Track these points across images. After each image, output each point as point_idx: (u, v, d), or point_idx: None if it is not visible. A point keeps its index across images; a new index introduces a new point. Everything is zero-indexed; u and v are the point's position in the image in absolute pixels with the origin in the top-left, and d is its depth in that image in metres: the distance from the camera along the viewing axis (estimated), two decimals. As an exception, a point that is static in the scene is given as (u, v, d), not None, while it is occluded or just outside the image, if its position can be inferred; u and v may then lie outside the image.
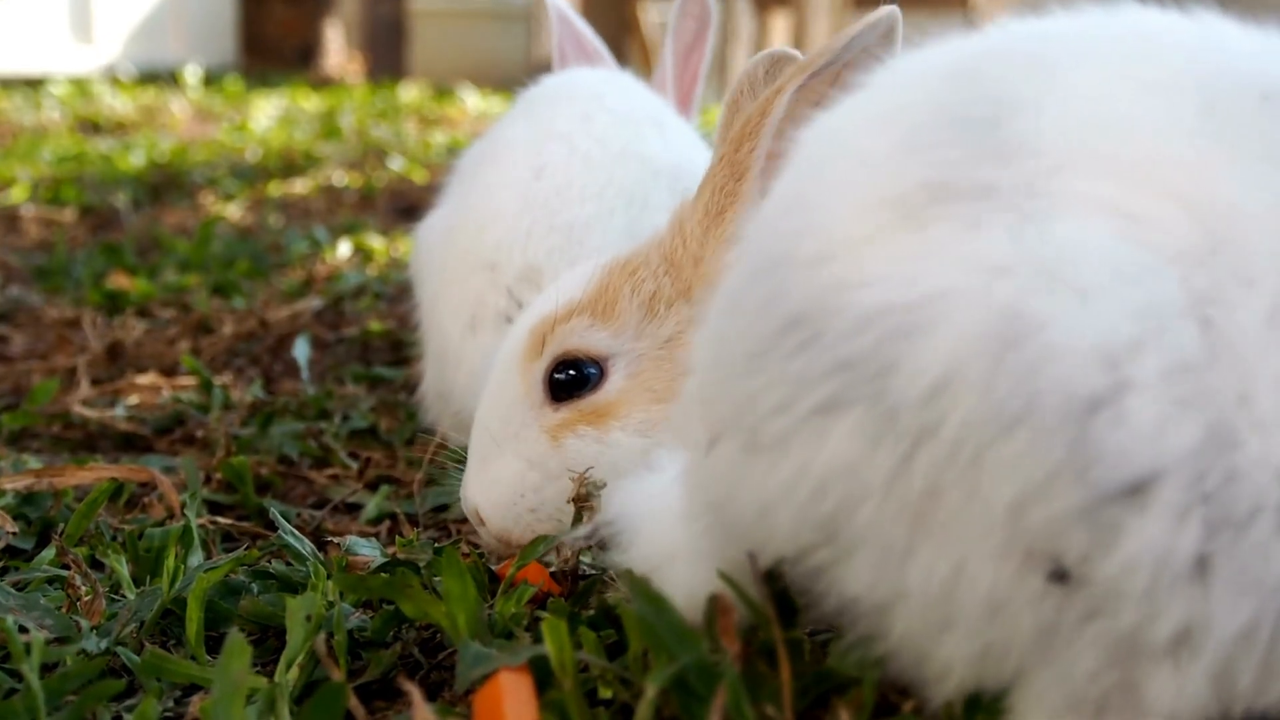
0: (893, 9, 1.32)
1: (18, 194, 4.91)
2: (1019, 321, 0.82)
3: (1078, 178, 0.87)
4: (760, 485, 0.90)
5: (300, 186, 5.40)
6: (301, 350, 2.57)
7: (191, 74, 10.10)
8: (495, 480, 1.39)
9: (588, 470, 1.33)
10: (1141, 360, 0.81)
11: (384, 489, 1.89)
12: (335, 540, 1.67)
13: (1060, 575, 0.83)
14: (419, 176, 5.66)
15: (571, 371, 1.35)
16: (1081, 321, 0.82)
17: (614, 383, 1.34)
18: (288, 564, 1.47)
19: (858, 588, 0.89)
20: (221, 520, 1.74)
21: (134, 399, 2.41)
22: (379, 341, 2.91)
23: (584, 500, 1.31)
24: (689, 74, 2.35)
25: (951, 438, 0.83)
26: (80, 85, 9.37)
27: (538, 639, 1.13)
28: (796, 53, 1.45)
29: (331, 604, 1.27)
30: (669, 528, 1.08)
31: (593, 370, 1.34)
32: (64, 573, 1.43)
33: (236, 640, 1.03)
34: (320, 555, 1.48)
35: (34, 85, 9.21)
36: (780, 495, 0.89)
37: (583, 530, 1.30)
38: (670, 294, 1.36)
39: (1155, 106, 0.91)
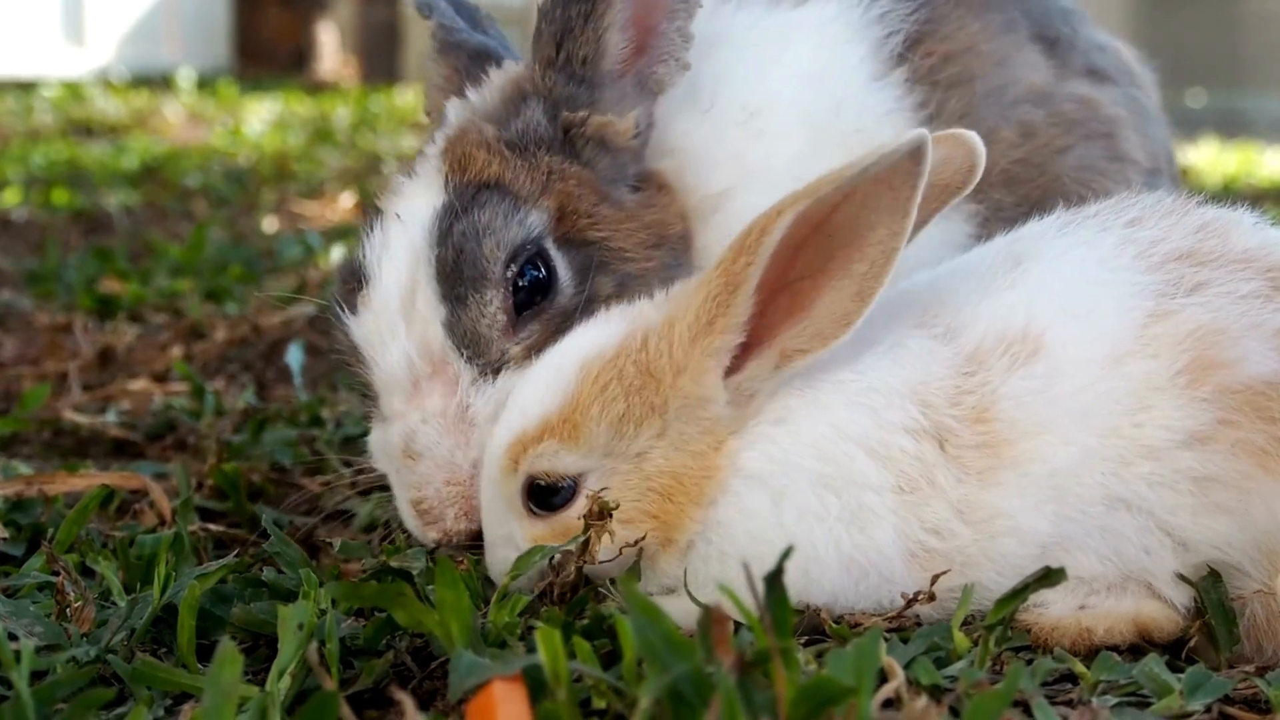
0: (921, 132, 1.24)
1: (10, 197, 4.90)
2: None
3: None
4: None
5: (293, 191, 5.40)
6: (294, 356, 2.56)
7: (185, 77, 10.09)
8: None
9: (601, 490, 1.35)
10: None
11: (376, 496, 1.88)
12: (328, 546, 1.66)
13: None
14: (412, 181, 5.64)
15: (547, 480, 1.39)
16: None
17: (584, 499, 1.38)
18: (280, 572, 1.46)
19: None
20: (213, 527, 1.73)
21: (125, 405, 2.40)
22: (372, 347, 2.89)
23: (597, 518, 1.33)
24: None
25: None
26: (73, 88, 9.36)
27: (531, 648, 1.13)
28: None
29: (323, 612, 1.27)
30: None
31: (566, 485, 1.38)
32: (54, 580, 1.42)
33: (228, 648, 1.03)
34: (312, 563, 1.47)
35: (26, 88, 9.19)
36: None
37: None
38: (640, 413, 1.35)
39: None
